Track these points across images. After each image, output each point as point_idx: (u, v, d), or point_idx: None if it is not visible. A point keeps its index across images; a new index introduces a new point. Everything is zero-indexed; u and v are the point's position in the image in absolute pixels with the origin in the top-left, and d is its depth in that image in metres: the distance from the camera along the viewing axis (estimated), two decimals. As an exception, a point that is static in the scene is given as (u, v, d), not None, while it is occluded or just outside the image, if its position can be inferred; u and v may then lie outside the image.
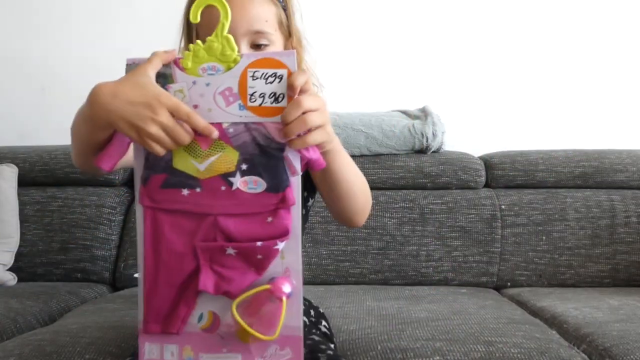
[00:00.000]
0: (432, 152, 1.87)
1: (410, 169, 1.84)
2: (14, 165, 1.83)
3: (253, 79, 0.71)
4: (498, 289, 1.77)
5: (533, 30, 2.08)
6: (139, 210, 0.77)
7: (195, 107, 0.72)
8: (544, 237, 1.79)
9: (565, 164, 1.85)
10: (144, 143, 0.72)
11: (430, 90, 2.06)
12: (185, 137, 0.72)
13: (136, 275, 1.49)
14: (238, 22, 0.92)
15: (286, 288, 0.74)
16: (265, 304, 0.75)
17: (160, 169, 0.75)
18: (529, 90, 2.08)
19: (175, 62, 0.73)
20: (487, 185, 1.88)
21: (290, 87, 0.71)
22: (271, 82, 0.71)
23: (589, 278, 1.77)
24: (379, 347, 1.14)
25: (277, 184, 0.73)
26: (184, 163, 0.74)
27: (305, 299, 1.05)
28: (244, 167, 0.74)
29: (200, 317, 0.78)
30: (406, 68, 2.08)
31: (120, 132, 0.73)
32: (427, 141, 1.83)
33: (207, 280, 0.75)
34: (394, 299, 1.53)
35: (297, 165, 0.74)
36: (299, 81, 0.71)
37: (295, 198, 0.74)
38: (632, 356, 1.12)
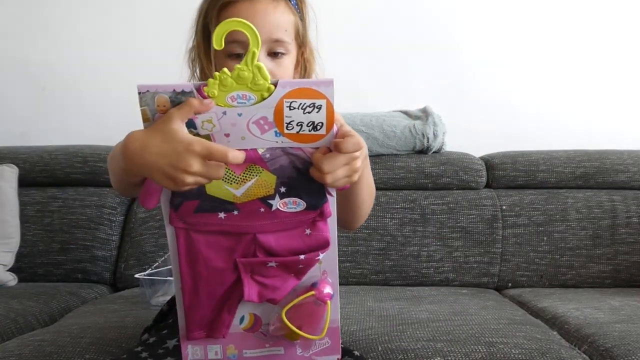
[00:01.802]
0: (433, 152, 1.87)
1: (411, 170, 1.84)
2: (14, 166, 1.82)
3: (290, 109, 0.69)
4: (499, 289, 1.77)
5: (534, 30, 2.07)
6: (169, 230, 0.76)
7: (227, 135, 0.70)
8: (545, 238, 1.79)
9: (566, 164, 1.85)
10: (183, 190, 0.71)
11: (431, 90, 2.06)
12: (221, 172, 0.71)
13: (137, 275, 1.50)
14: (259, 29, 0.93)
15: (328, 290, 0.78)
16: (311, 307, 0.79)
17: (192, 196, 0.74)
18: (529, 91, 2.08)
19: (199, 90, 0.69)
20: (488, 185, 1.88)
21: (337, 147, 0.72)
22: (309, 112, 0.69)
23: (590, 278, 1.77)
24: (380, 348, 1.14)
25: (316, 203, 0.75)
26: (218, 190, 0.73)
27: None
28: (282, 190, 0.74)
29: (242, 319, 0.80)
30: (407, 68, 2.08)
31: (157, 183, 0.72)
32: (428, 141, 1.83)
33: (251, 291, 0.77)
34: (395, 300, 1.53)
35: (333, 189, 0.75)
36: (348, 148, 0.72)
37: (331, 211, 0.76)
38: (633, 357, 1.12)
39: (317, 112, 0.69)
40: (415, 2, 2.08)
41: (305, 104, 0.69)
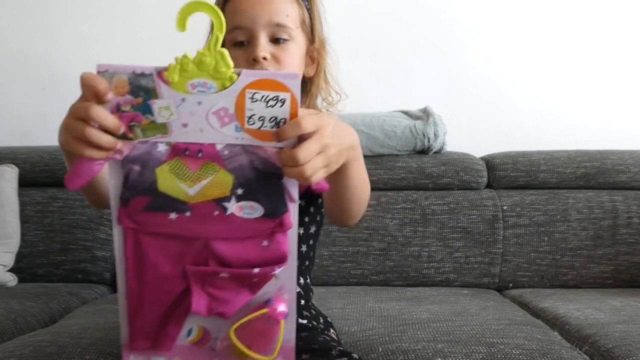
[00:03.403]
0: (434, 152, 1.86)
1: (412, 170, 1.83)
2: (14, 166, 1.82)
3: (252, 101, 0.65)
4: (500, 290, 1.77)
5: (535, 31, 2.07)
6: (117, 231, 0.71)
7: (185, 126, 0.66)
8: (546, 238, 1.79)
9: (567, 164, 1.85)
10: (78, 151, 0.66)
11: (431, 90, 2.06)
12: (94, 142, 0.64)
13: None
14: (259, 13, 0.94)
15: (282, 308, 0.72)
16: (262, 326, 0.73)
17: (143, 191, 0.68)
18: (530, 91, 2.08)
19: (160, 74, 0.64)
20: (488, 186, 1.88)
21: (280, 136, 0.66)
22: (272, 106, 0.65)
23: (591, 279, 1.77)
24: (380, 349, 1.14)
25: (274, 210, 0.69)
26: (170, 186, 0.68)
27: (313, 308, 1.05)
28: (239, 191, 0.68)
29: (190, 332, 0.75)
30: (408, 68, 2.08)
31: (66, 152, 0.69)
32: (428, 142, 1.82)
33: (199, 303, 0.72)
34: (396, 300, 1.53)
35: (295, 194, 0.69)
36: (289, 135, 0.65)
37: (292, 222, 0.70)
38: (634, 357, 1.12)
39: (281, 106, 0.65)
40: (416, 2, 2.08)
41: (268, 96, 0.64)
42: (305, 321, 0.99)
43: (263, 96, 0.65)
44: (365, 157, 1.95)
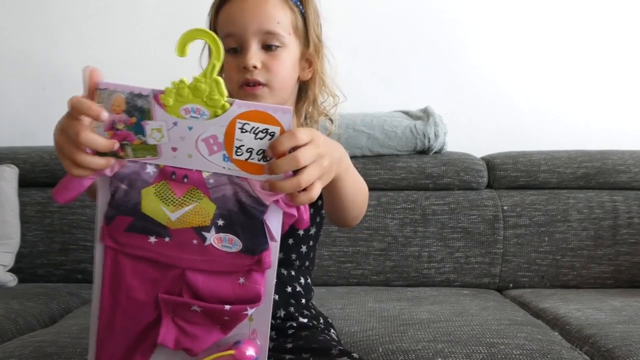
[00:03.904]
0: (434, 152, 1.86)
1: (412, 170, 1.83)
2: (14, 166, 1.82)
3: (242, 132, 0.64)
4: (500, 290, 1.77)
5: (535, 31, 2.07)
6: (99, 248, 0.70)
7: (174, 150, 0.66)
8: (546, 238, 1.78)
9: (567, 164, 1.84)
10: (67, 161, 0.66)
11: (432, 90, 2.05)
12: (76, 126, 0.63)
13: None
14: (249, 21, 0.94)
15: (250, 352, 0.70)
16: None
17: (126, 211, 0.68)
18: (530, 91, 2.08)
19: (156, 97, 0.65)
20: (489, 186, 1.88)
21: (274, 148, 0.65)
22: (261, 139, 0.65)
23: (592, 279, 1.77)
24: (381, 349, 1.13)
25: (253, 247, 0.68)
26: (154, 209, 0.68)
27: (313, 308, 1.05)
28: (220, 222, 0.68)
29: None
30: (408, 68, 2.07)
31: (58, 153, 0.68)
32: (429, 142, 1.82)
33: (167, 335, 0.70)
34: (396, 300, 1.53)
35: (277, 232, 0.69)
36: (284, 146, 0.65)
37: (271, 262, 0.69)
38: (634, 358, 1.12)
39: (270, 139, 0.64)
40: (417, 2, 2.07)
41: (258, 128, 0.64)
42: (305, 320, 0.99)
43: (253, 128, 0.64)
44: (365, 157, 1.96)
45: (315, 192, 0.68)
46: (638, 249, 1.76)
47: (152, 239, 0.69)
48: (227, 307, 0.68)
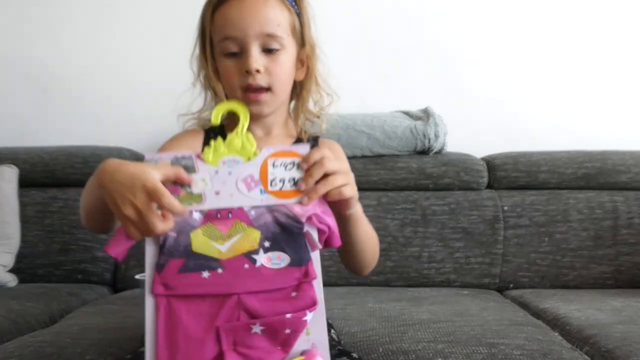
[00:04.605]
0: (434, 153, 1.86)
1: (412, 170, 1.83)
2: (14, 166, 1.82)
3: (273, 167, 0.77)
4: (500, 290, 1.76)
5: (535, 31, 2.07)
6: (149, 302, 0.75)
7: (217, 193, 0.76)
8: (546, 239, 1.78)
9: (567, 165, 1.84)
10: (122, 222, 0.74)
11: (432, 91, 2.05)
12: (157, 225, 0.72)
13: (137, 276, 1.49)
14: (250, 24, 0.93)
15: (318, 358, 0.74)
16: None
17: (178, 254, 0.75)
18: (531, 91, 2.08)
19: (198, 155, 0.77)
20: (489, 186, 1.88)
21: (306, 160, 0.78)
22: (290, 169, 0.77)
23: (592, 279, 1.77)
24: (381, 350, 1.13)
25: (299, 258, 0.76)
26: (204, 246, 0.76)
27: None
28: (266, 244, 0.76)
29: None
30: (408, 69, 2.07)
31: (108, 203, 0.74)
32: (429, 142, 1.82)
33: None
34: (396, 301, 1.53)
35: (316, 240, 0.77)
36: (314, 157, 0.78)
37: (317, 272, 0.76)
38: (635, 358, 1.11)
39: (297, 169, 0.78)
40: (417, 2, 2.07)
41: (286, 162, 0.77)
42: None
43: (282, 162, 0.78)
44: (365, 157, 1.96)
45: (345, 193, 0.80)
46: (638, 249, 1.76)
47: (206, 274, 0.75)
48: (289, 315, 0.73)
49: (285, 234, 0.76)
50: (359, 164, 1.81)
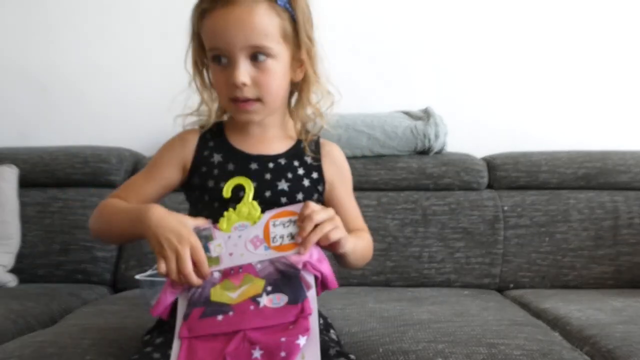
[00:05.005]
0: (435, 153, 1.86)
1: (413, 170, 1.83)
2: (14, 166, 1.82)
3: (274, 227, 0.91)
4: (501, 290, 1.76)
5: (535, 31, 2.07)
6: (176, 344, 0.87)
7: (231, 254, 0.90)
8: (546, 239, 1.78)
9: (568, 165, 1.84)
10: (161, 258, 0.86)
11: (432, 91, 2.05)
12: (190, 273, 0.86)
13: (137, 276, 1.49)
14: (235, 36, 0.91)
15: None
16: None
17: (199, 303, 0.89)
18: (531, 91, 2.08)
19: (214, 225, 0.91)
20: (489, 186, 1.88)
21: (299, 217, 0.90)
22: (288, 226, 0.91)
23: (592, 279, 1.77)
24: (381, 350, 1.13)
25: (295, 297, 0.87)
26: (220, 296, 0.89)
27: None
28: (269, 288, 0.89)
29: None
30: (408, 69, 2.07)
31: (151, 246, 0.88)
32: (429, 142, 1.82)
33: None
34: (396, 301, 1.53)
35: (311, 280, 0.89)
36: (305, 213, 0.89)
37: (312, 308, 0.87)
38: (635, 358, 1.11)
39: (293, 225, 0.91)
40: (417, 2, 2.07)
41: (284, 221, 0.91)
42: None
43: (281, 222, 0.91)
44: (365, 157, 1.96)
45: (332, 237, 0.91)
46: (639, 249, 1.76)
47: (220, 317, 0.87)
48: (283, 339, 0.84)
49: (285, 278, 0.89)
50: (359, 164, 1.81)
